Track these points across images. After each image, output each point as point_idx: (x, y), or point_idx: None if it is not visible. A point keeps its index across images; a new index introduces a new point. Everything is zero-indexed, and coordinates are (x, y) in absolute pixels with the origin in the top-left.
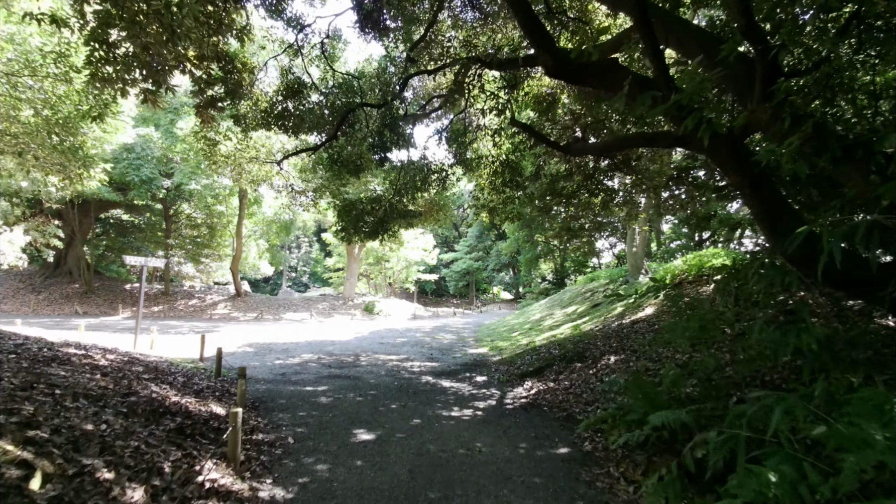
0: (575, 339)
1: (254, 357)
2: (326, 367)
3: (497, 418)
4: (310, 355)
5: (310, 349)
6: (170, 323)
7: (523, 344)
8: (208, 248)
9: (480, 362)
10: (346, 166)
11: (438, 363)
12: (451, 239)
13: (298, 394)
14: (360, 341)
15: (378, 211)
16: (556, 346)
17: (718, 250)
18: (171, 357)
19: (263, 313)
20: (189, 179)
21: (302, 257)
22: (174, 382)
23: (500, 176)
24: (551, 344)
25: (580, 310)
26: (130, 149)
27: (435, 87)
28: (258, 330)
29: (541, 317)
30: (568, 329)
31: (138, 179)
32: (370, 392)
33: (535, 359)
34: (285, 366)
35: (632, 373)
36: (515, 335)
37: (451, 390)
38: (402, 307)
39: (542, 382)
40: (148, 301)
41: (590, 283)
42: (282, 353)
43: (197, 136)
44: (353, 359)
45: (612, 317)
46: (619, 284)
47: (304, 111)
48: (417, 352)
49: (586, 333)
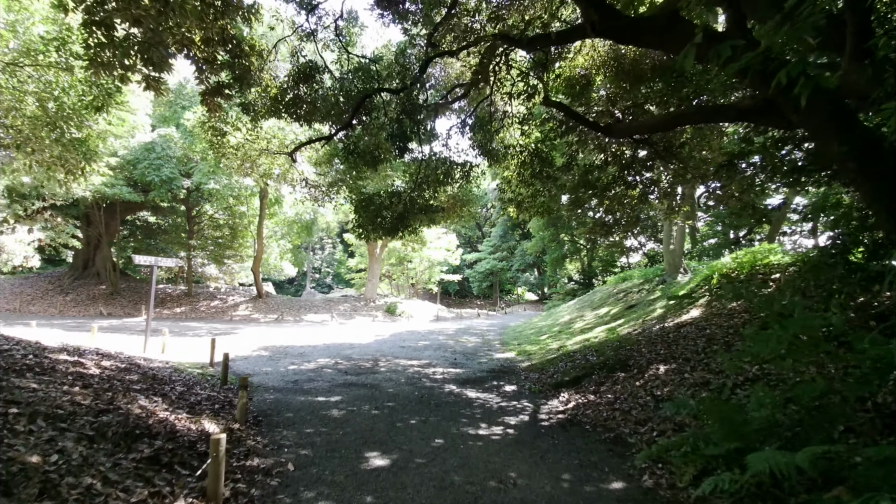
0: (613, 345)
1: (267, 362)
2: (342, 374)
3: (532, 438)
4: (326, 360)
5: (327, 353)
6: (189, 324)
7: (554, 349)
8: (230, 249)
9: (508, 369)
10: (363, 158)
11: (463, 369)
12: (474, 239)
13: (308, 406)
14: (381, 345)
15: (397, 206)
16: (593, 351)
17: (773, 246)
18: (179, 362)
19: (284, 315)
20: (208, 179)
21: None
22: (169, 394)
23: (529, 167)
24: (586, 349)
25: (614, 311)
26: (151, 149)
27: (458, 75)
28: (277, 332)
29: (570, 319)
30: (602, 332)
31: (158, 180)
32: (388, 404)
33: (569, 366)
34: (299, 372)
35: (707, 397)
36: (544, 338)
37: (478, 402)
38: (424, 308)
39: (580, 394)
40: (171, 302)
41: (622, 284)
42: (297, 357)
43: (204, 127)
44: (372, 364)
45: (651, 319)
46: (656, 284)
47: (317, 98)
48: (440, 356)
49: (625, 338)
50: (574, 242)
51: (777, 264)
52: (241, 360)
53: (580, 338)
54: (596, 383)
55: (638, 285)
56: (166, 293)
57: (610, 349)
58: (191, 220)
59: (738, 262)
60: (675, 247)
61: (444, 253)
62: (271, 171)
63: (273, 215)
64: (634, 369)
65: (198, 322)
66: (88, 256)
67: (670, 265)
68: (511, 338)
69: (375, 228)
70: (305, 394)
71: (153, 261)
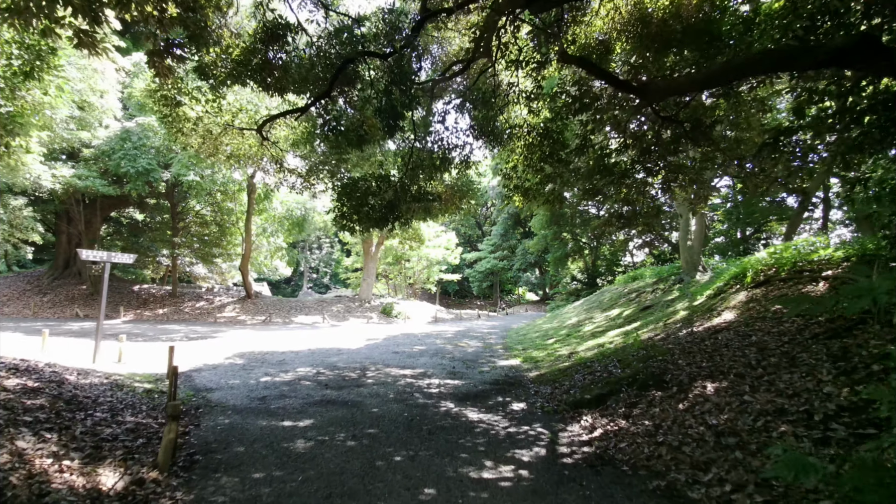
0: (638, 353)
1: (238, 372)
2: (321, 388)
3: (553, 487)
4: (307, 369)
5: (310, 361)
6: (169, 327)
7: (564, 355)
8: (218, 247)
9: (514, 379)
10: (347, 137)
11: (462, 380)
12: (474, 238)
13: (269, 434)
14: (371, 350)
15: (386, 192)
16: (614, 361)
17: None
18: (130, 374)
19: (272, 317)
20: (187, 170)
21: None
22: (75, 426)
23: (538, 149)
24: (604, 358)
25: (627, 313)
26: (126, 138)
27: (456, 51)
28: (261, 336)
29: (578, 321)
30: (618, 337)
31: (134, 171)
32: (368, 430)
33: (588, 380)
34: (271, 385)
35: (861, 458)
36: (552, 343)
37: (480, 427)
38: (422, 309)
39: (607, 418)
40: (153, 303)
41: (632, 283)
42: (275, 366)
43: (154, 96)
44: (359, 374)
45: (674, 322)
46: (672, 284)
47: (289, 62)
48: (437, 364)
49: (649, 344)
50: (577, 241)
51: (827, 260)
52: (208, 370)
53: (592, 343)
54: (625, 404)
55: (651, 285)
56: (150, 294)
57: (635, 358)
58: (175, 217)
59: (776, 257)
60: (694, 243)
61: (443, 252)
62: (240, 153)
63: (262, 211)
64: (673, 387)
65: (179, 325)
66: (69, 255)
67: (688, 263)
68: (515, 342)
69: (361, 219)
70: (270, 416)
71: (105, 256)
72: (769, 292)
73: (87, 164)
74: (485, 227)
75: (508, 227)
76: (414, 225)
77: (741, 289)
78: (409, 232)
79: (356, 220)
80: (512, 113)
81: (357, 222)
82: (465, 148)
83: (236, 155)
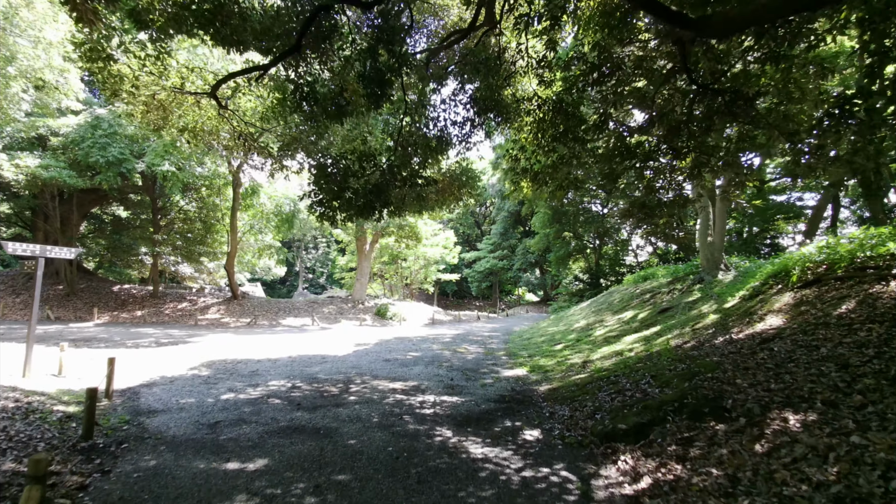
0: (675, 367)
1: (198, 387)
2: (292, 408)
3: None
4: (281, 383)
5: (287, 372)
6: (142, 331)
7: (577, 364)
8: (202, 245)
9: (522, 395)
10: (324, 107)
11: (462, 396)
12: (472, 237)
13: (203, 484)
14: (360, 358)
15: (372, 174)
16: (646, 376)
17: (884, 230)
18: (56, 393)
19: (258, 319)
20: (162, 159)
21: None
22: None
23: (550, 127)
24: (628, 369)
25: (642, 316)
26: (96, 125)
27: (455, 22)
28: (241, 341)
29: (588, 324)
30: (637, 343)
31: (104, 161)
32: (338, 477)
33: (617, 400)
34: (232, 405)
35: None
36: (561, 349)
37: (486, 469)
38: (418, 311)
39: (654, 460)
40: (132, 305)
41: (644, 283)
42: (245, 378)
43: (79, 48)
44: (341, 388)
45: (704, 328)
46: (691, 284)
47: (249, 7)
48: (433, 375)
49: (684, 355)
50: (580, 239)
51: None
52: (162, 384)
53: (607, 350)
54: (676, 439)
55: (666, 285)
56: (130, 294)
57: (673, 374)
58: (156, 212)
59: (827, 252)
60: (715, 238)
61: (441, 250)
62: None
63: (249, 206)
64: (739, 417)
65: (155, 328)
66: None
67: (708, 260)
68: (519, 347)
69: (342, 206)
70: (215, 453)
71: (37, 250)
72: (823, 293)
73: (54, 153)
74: (484, 226)
75: (508, 226)
76: (410, 222)
77: (784, 289)
78: (406, 230)
79: (336, 208)
80: (519, 86)
81: (338, 210)
82: (465, 126)
83: (192, 129)
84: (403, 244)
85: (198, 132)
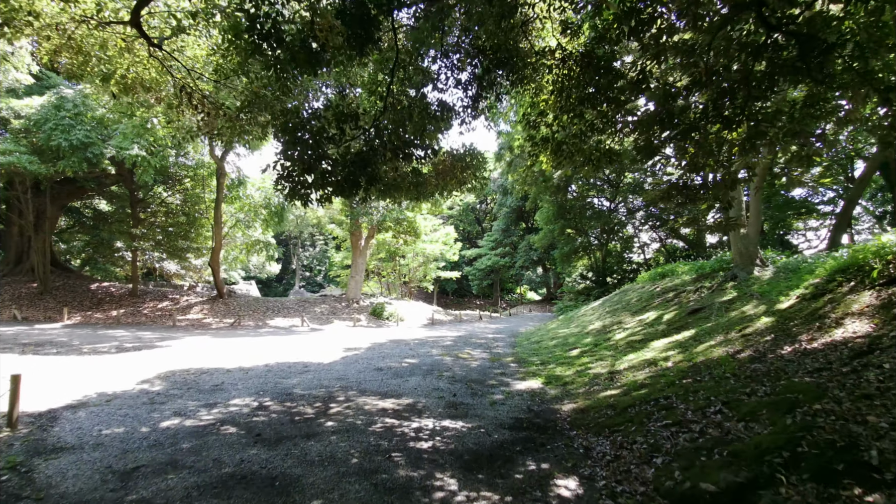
0: (755, 390)
1: (137, 410)
2: (248, 442)
3: None
4: (245, 401)
5: (258, 385)
6: (110, 333)
7: (602, 375)
8: (184, 240)
9: (543, 418)
10: (291, 51)
11: (468, 421)
12: (473, 234)
13: None
14: (348, 366)
15: (354, 138)
16: (714, 401)
17: None
18: None
19: (243, 319)
20: (130, 142)
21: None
22: None
23: (575, 87)
24: (680, 389)
25: (668, 317)
26: (59, 105)
27: None
28: (217, 345)
29: (603, 326)
30: (672, 351)
31: (68, 145)
32: None
33: (681, 436)
34: (169, 437)
35: None
36: (578, 355)
37: None
38: (417, 310)
39: None
40: (109, 304)
41: (662, 281)
42: (204, 394)
43: None
44: (318, 409)
45: (757, 333)
46: (723, 281)
47: None
48: (432, 388)
49: (749, 370)
50: (585, 236)
51: None
52: (96, 404)
53: (635, 358)
54: None
55: (691, 282)
56: (107, 293)
57: (750, 398)
58: (135, 204)
59: None
60: (749, 230)
61: (441, 247)
62: (125, 75)
63: (236, 199)
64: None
65: (127, 329)
66: (22, 250)
67: (741, 255)
68: (528, 351)
69: (316, 181)
70: None
71: None
72: None
73: (16, 137)
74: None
75: (510, 222)
76: (409, 217)
77: (860, 287)
78: (404, 224)
79: (310, 185)
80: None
81: (312, 187)
82: (472, 87)
83: (122, 80)
84: (401, 240)
85: (129, 84)
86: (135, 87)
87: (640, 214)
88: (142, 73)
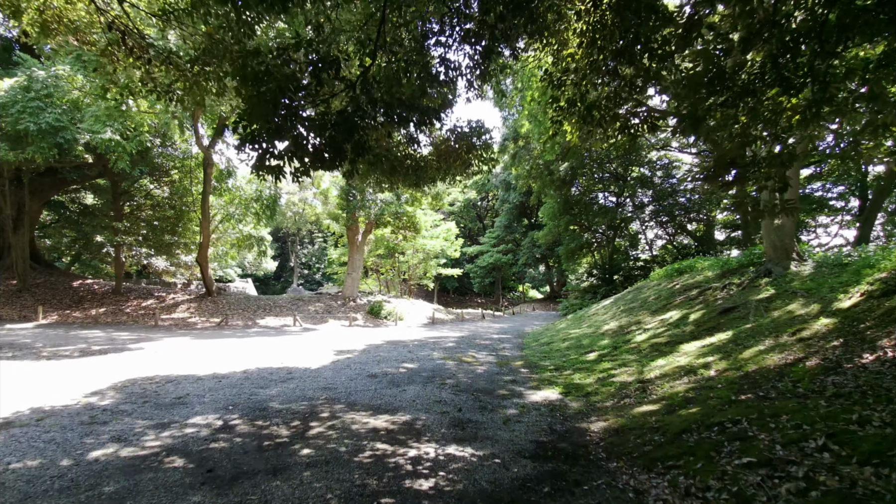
0: (869, 418)
1: (71, 432)
2: (194, 482)
3: None
4: (208, 419)
5: (229, 397)
6: (83, 333)
7: (630, 385)
8: (170, 235)
9: (569, 441)
10: None
11: (478, 446)
12: (474, 231)
13: None
14: (338, 372)
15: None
16: (816, 434)
17: None
18: None
19: (230, 319)
20: (102, 125)
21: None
22: None
23: (607, 39)
24: (746, 409)
25: (695, 317)
26: (28, 87)
27: None
28: (196, 347)
29: (620, 326)
30: (710, 356)
31: (37, 129)
32: None
33: (774, 478)
34: (92, 474)
35: None
36: (596, 359)
37: None
38: (417, 309)
39: None
40: (90, 302)
41: (680, 278)
42: (161, 410)
43: None
44: (295, 430)
45: (817, 337)
46: (756, 277)
47: None
48: (433, 401)
49: (826, 385)
50: (591, 232)
51: None
52: (21, 425)
53: (666, 364)
54: None
55: (716, 279)
56: (90, 291)
57: (865, 428)
58: (117, 197)
59: None
60: (785, 220)
61: (442, 243)
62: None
63: (225, 191)
64: None
65: (104, 329)
66: (3, 245)
67: (776, 248)
68: (538, 354)
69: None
70: None
71: None
72: None
73: None
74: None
75: (513, 218)
76: (408, 211)
77: None
78: (403, 219)
79: (281, 154)
80: None
81: (285, 156)
82: (482, 41)
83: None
84: (401, 235)
85: (48, 22)
86: (56, 25)
87: (649, 209)
88: (64, 8)
